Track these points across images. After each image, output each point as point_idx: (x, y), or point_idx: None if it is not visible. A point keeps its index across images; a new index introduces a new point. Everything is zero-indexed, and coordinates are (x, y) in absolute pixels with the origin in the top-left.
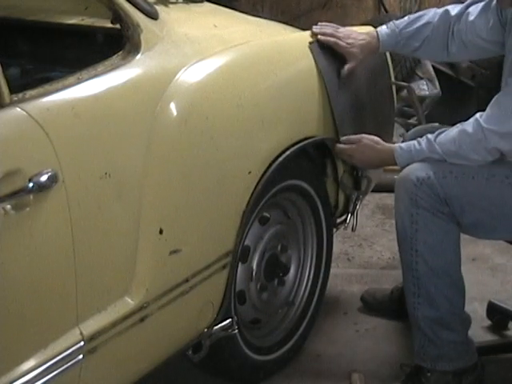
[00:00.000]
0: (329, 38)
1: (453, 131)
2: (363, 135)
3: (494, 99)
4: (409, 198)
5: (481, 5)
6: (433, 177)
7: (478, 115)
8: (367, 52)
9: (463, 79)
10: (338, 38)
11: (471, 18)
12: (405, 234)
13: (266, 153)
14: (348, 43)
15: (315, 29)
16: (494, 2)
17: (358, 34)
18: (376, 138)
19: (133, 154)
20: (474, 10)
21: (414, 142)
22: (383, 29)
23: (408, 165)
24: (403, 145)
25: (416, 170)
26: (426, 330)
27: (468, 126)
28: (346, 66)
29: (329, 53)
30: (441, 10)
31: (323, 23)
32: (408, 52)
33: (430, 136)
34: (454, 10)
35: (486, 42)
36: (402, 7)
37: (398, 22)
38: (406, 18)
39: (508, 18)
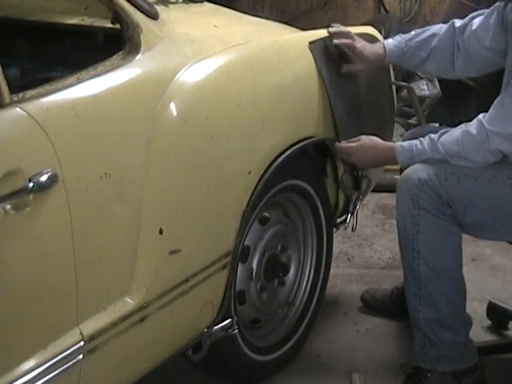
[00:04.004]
0: (344, 40)
1: (456, 132)
2: (362, 135)
3: (496, 100)
4: (410, 200)
5: (484, 15)
6: (435, 178)
7: (481, 116)
8: (374, 59)
9: (463, 79)
10: (353, 39)
11: (474, 27)
12: (406, 236)
13: (265, 153)
14: (361, 46)
15: (332, 29)
16: (496, 4)
17: (366, 42)
18: (375, 138)
19: (133, 154)
20: (477, 20)
21: (416, 141)
22: (390, 40)
23: (409, 164)
24: (405, 143)
25: (418, 171)
26: (427, 331)
27: (471, 127)
28: (351, 66)
29: (329, 53)
30: (447, 24)
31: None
32: (416, 63)
33: (432, 136)
34: (459, 22)
35: (490, 52)
36: (402, 7)
37: (404, 34)
38: (412, 32)
39: (509, 21)
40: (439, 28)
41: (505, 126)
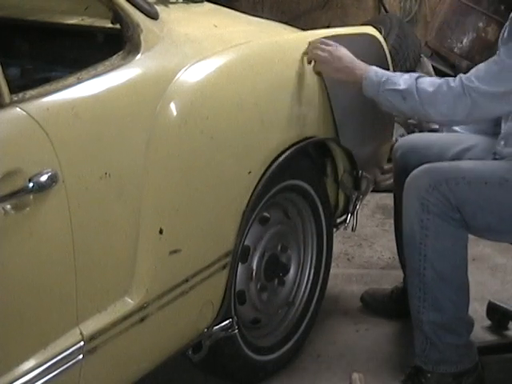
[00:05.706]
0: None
1: (436, 79)
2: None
3: (485, 63)
4: (419, 203)
5: None
6: (445, 183)
7: (461, 74)
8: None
9: None
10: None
11: None
12: (413, 240)
13: (266, 153)
14: None
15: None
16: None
17: None
18: (351, 55)
19: (133, 154)
20: None
21: (394, 73)
22: None
23: (370, 97)
24: (379, 72)
25: (427, 174)
26: (430, 334)
27: (451, 79)
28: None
29: None
30: None
31: None
32: None
33: (413, 73)
34: None
35: None
36: (402, 7)
37: None
38: None
39: None
40: None
41: (493, 84)
